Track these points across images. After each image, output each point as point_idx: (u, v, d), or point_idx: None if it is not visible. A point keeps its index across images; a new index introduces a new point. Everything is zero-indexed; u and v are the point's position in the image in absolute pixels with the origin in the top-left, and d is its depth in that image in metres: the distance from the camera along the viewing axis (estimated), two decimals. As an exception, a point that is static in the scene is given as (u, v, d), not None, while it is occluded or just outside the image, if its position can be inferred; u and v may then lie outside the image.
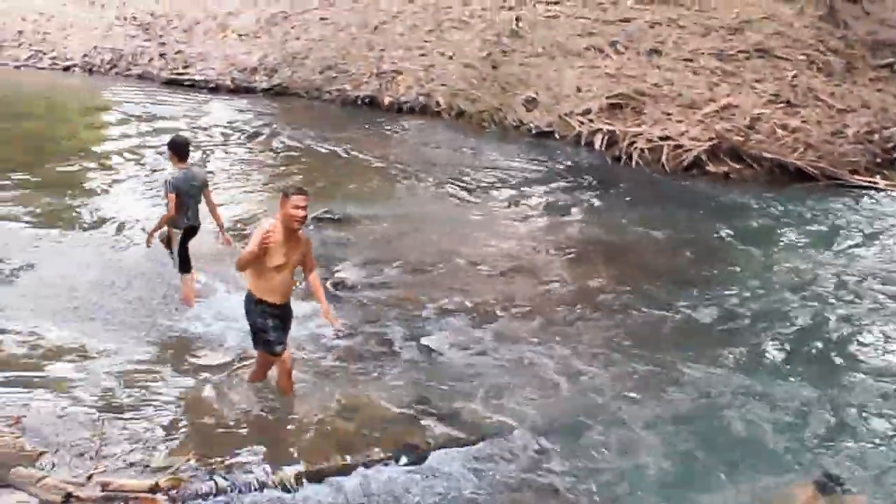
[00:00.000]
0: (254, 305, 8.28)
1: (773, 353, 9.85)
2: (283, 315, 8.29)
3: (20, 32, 24.07)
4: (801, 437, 8.34)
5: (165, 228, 10.55)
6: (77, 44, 23.01)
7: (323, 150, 16.57)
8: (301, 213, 7.92)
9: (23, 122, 18.61)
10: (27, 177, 15.01)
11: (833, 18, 21.43)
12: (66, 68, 22.67)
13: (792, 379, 9.30)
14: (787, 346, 9.98)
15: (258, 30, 21.62)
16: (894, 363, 9.61)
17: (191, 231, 10.58)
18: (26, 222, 13.20)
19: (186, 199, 10.38)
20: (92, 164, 15.98)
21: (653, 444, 8.24)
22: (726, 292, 11.04)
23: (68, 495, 6.75)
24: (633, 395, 8.98)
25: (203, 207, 10.49)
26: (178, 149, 10.53)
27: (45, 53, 23.30)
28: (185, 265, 10.55)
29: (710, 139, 15.27)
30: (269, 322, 8.31)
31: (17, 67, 23.04)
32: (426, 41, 19.71)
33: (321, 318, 8.60)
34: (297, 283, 8.80)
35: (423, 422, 8.49)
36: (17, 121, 18.60)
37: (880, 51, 21.66)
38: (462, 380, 9.23)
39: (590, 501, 7.51)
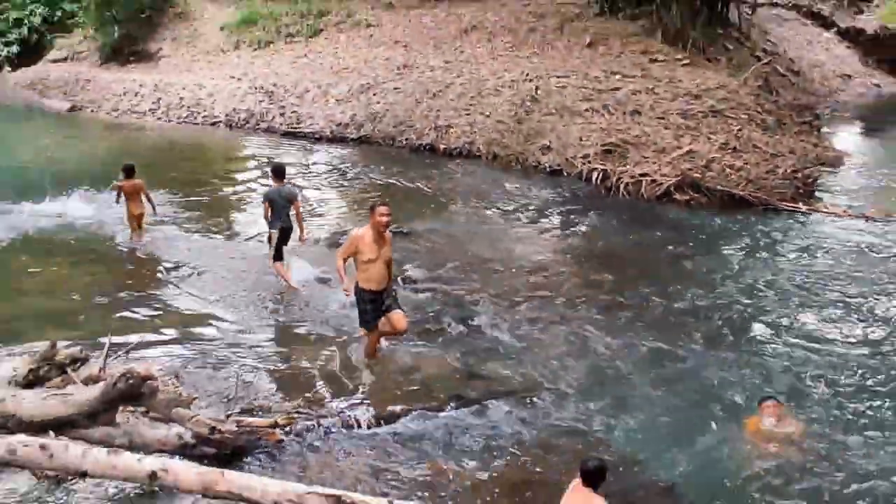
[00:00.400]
0: (358, 292, 8.38)
1: (727, 331, 9.83)
2: (376, 301, 8.30)
3: (181, 98, 24.36)
4: (752, 386, 8.33)
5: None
6: (221, 106, 23.23)
7: (394, 183, 16.65)
8: (386, 218, 8.11)
9: (183, 161, 18.90)
10: (190, 198, 15.26)
11: (768, 88, 21.26)
12: (213, 124, 22.90)
13: (738, 349, 9.29)
14: (734, 326, 9.97)
15: (350, 96, 21.71)
16: (812, 337, 9.56)
17: (284, 232, 10.72)
18: (188, 230, 13.41)
19: (278, 207, 10.68)
20: (232, 190, 16.22)
21: (646, 395, 8.30)
22: (690, 287, 11.03)
23: (212, 429, 6.84)
24: (629, 360, 9.00)
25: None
26: (276, 171, 11.03)
27: (198, 113, 23.56)
28: (278, 255, 10.74)
29: (677, 176, 15.22)
30: (366, 306, 8.39)
31: (179, 123, 23.34)
32: (470, 104, 19.71)
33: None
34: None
35: (467, 380, 8.56)
36: (180, 159, 18.90)
37: (801, 111, 21.48)
38: (497, 349, 9.28)
39: (601, 438, 7.53)
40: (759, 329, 9.80)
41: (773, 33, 28.59)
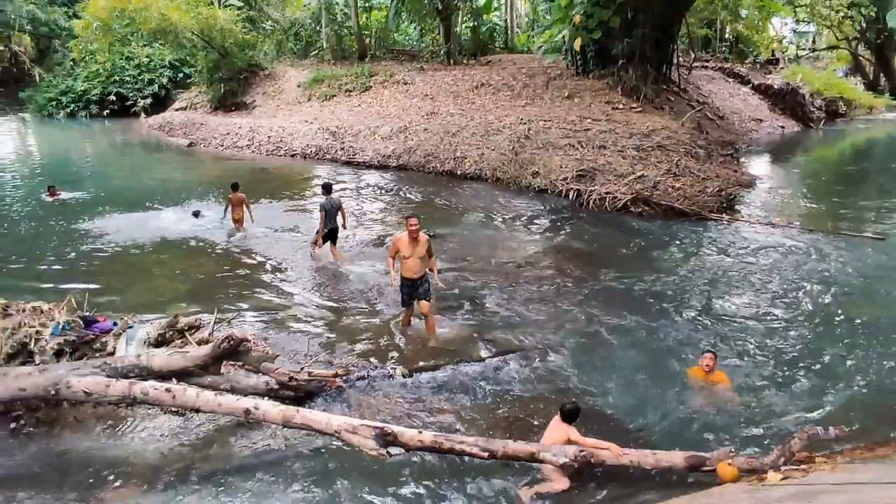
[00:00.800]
0: (401, 279, 8.39)
1: (672, 306, 9.72)
2: (412, 286, 8.26)
3: (269, 136, 24.46)
4: (690, 346, 8.24)
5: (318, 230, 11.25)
6: (298, 142, 23.30)
7: (423, 198, 16.64)
8: (413, 227, 8.05)
9: (271, 181, 18.96)
10: (277, 208, 15.29)
11: (700, 128, 21.09)
12: (292, 155, 22.97)
13: (682, 319, 9.18)
14: (678, 303, 9.86)
15: (391, 134, 21.71)
16: (732, 311, 9.45)
17: (332, 231, 11.17)
18: (276, 231, 13.47)
19: (328, 214, 10.88)
20: (306, 201, 16.25)
21: (614, 354, 8.23)
22: (645, 275, 10.93)
23: (290, 378, 6.85)
24: (601, 329, 8.95)
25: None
26: (325, 187, 11.44)
27: (281, 147, 23.65)
28: (325, 241, 11.35)
29: (632, 193, 15.09)
30: (404, 289, 8.38)
31: (267, 155, 23.43)
32: (479, 141, 19.67)
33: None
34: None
35: (478, 343, 8.52)
36: (267, 181, 18.97)
37: (725, 146, 21.30)
38: (501, 321, 9.23)
39: (580, 386, 7.47)
40: (696, 305, 9.70)
41: (704, 88, 28.39)
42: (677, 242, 12.92)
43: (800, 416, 6.77)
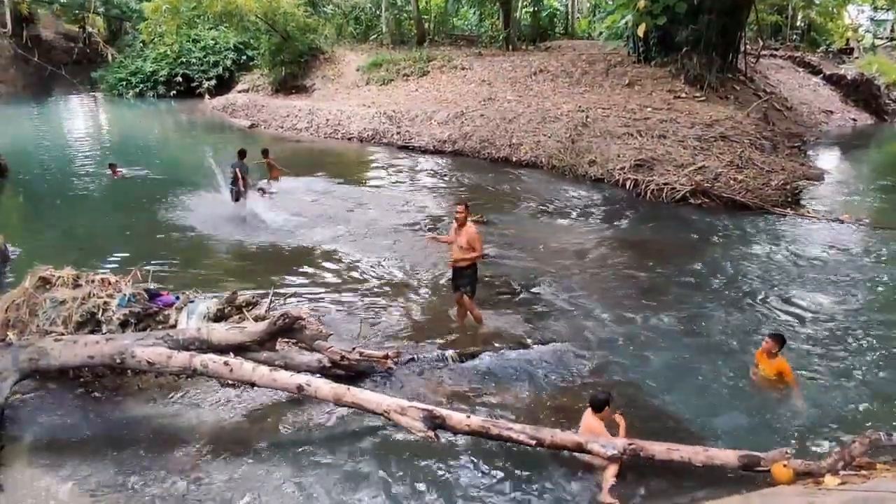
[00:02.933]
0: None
1: (731, 299, 9.50)
2: (454, 274, 8.25)
3: (327, 119, 24.74)
4: (754, 342, 8.03)
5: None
6: (355, 126, 23.50)
7: (477, 184, 16.60)
8: (458, 215, 7.96)
9: (327, 162, 19.25)
10: (336, 182, 15.49)
11: (765, 119, 20.35)
12: (349, 139, 23.20)
13: (740, 311, 8.95)
14: (736, 296, 9.63)
15: (447, 120, 21.67)
16: (796, 304, 9.20)
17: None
18: (340, 202, 13.64)
19: (243, 174, 13.43)
20: (359, 178, 16.43)
21: (666, 346, 8.08)
22: (702, 268, 10.72)
23: (342, 357, 6.95)
24: (654, 320, 8.83)
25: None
26: (240, 153, 13.63)
27: (339, 130, 23.91)
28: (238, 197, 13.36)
29: (692, 185, 14.71)
30: (453, 275, 8.36)
31: (325, 137, 23.73)
32: (536, 128, 19.46)
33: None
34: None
35: (529, 331, 8.49)
36: (327, 162, 19.22)
37: (792, 138, 20.51)
38: (552, 310, 9.17)
39: (637, 380, 7.38)
40: (756, 301, 9.41)
41: (771, 78, 27.33)
42: (738, 237, 12.55)
43: (862, 419, 6.52)
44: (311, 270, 10.45)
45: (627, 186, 15.62)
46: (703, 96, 20.34)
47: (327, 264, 10.76)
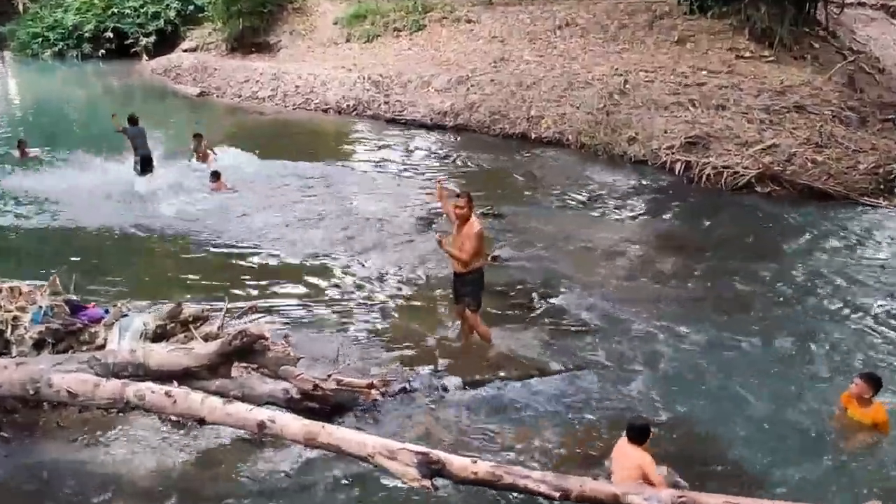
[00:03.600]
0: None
1: (804, 317, 9.55)
2: (456, 280, 8.28)
3: (297, 86, 24.76)
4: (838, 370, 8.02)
5: None
6: (332, 94, 23.52)
7: (487, 168, 16.63)
8: (459, 210, 7.95)
9: (297, 141, 19.26)
10: (308, 164, 15.50)
11: (852, 85, 20.30)
12: (325, 110, 23.22)
13: (822, 333, 8.96)
14: (811, 313, 9.67)
15: (449, 86, 21.69)
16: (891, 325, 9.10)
17: (145, 161, 14.85)
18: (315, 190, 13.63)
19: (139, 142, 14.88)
20: (337, 160, 16.44)
21: (722, 376, 8.13)
22: (769, 276, 10.72)
23: (315, 386, 6.95)
24: (706, 343, 8.78)
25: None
26: (131, 119, 14.79)
27: (312, 100, 23.93)
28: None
29: (758, 168, 14.73)
30: (454, 282, 8.35)
31: (294, 109, 23.75)
32: (561, 96, 19.48)
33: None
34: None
35: (549, 353, 8.49)
36: (297, 140, 19.24)
37: (885, 109, 20.40)
38: (579, 327, 9.18)
39: (687, 416, 7.34)
40: (841, 318, 9.41)
41: (860, 32, 27.29)
42: (817, 234, 12.55)
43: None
44: (276, 276, 10.47)
45: (677, 170, 15.62)
46: (772, 56, 20.32)
47: (298, 268, 10.77)
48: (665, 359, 8.31)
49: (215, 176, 14.40)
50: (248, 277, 10.43)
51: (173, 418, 6.78)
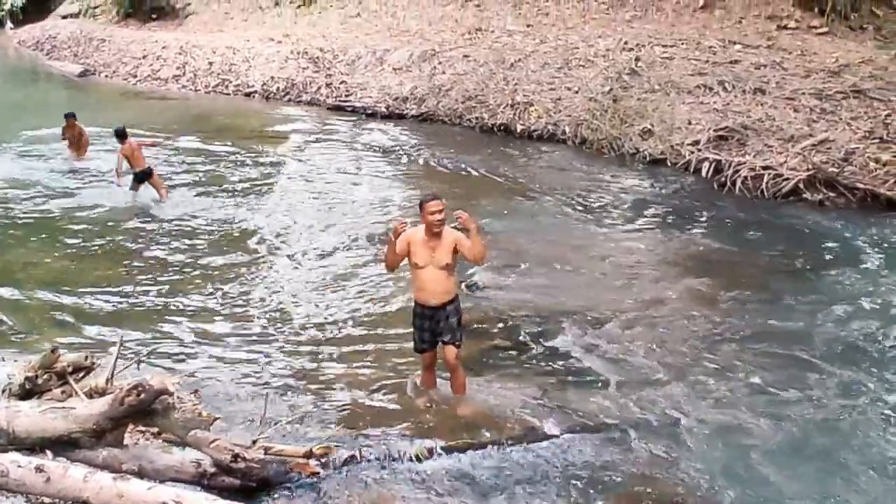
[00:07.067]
0: (414, 307, 8.30)
1: (869, 368, 9.52)
2: (431, 317, 8.15)
3: (211, 63, 24.76)
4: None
5: None
6: (258, 74, 23.57)
7: (461, 170, 16.69)
8: (437, 216, 7.81)
9: (211, 132, 19.18)
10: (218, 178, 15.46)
11: (925, 64, 20.66)
12: (248, 94, 23.26)
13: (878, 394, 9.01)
14: (877, 362, 9.66)
15: (410, 64, 21.83)
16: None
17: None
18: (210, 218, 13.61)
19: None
20: (262, 160, 16.42)
21: (765, 442, 8.10)
22: (820, 310, 10.66)
23: (236, 456, 6.89)
24: (740, 395, 8.81)
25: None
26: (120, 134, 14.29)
27: (230, 81, 23.93)
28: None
29: (808, 170, 14.89)
30: (418, 322, 8.28)
31: (207, 92, 23.73)
32: (555, 77, 19.66)
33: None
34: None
35: (542, 410, 8.48)
36: (210, 131, 19.15)
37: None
38: (580, 375, 9.18)
39: (723, 492, 7.35)
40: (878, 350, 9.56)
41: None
42: (882, 254, 12.72)
43: None
44: (182, 309, 10.40)
45: (703, 172, 15.81)
46: (823, 26, 20.64)
47: (211, 298, 10.72)
48: (687, 415, 8.31)
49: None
50: (147, 308, 10.37)
51: (47, 501, 6.67)
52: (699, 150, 16.13)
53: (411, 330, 8.58)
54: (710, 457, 7.75)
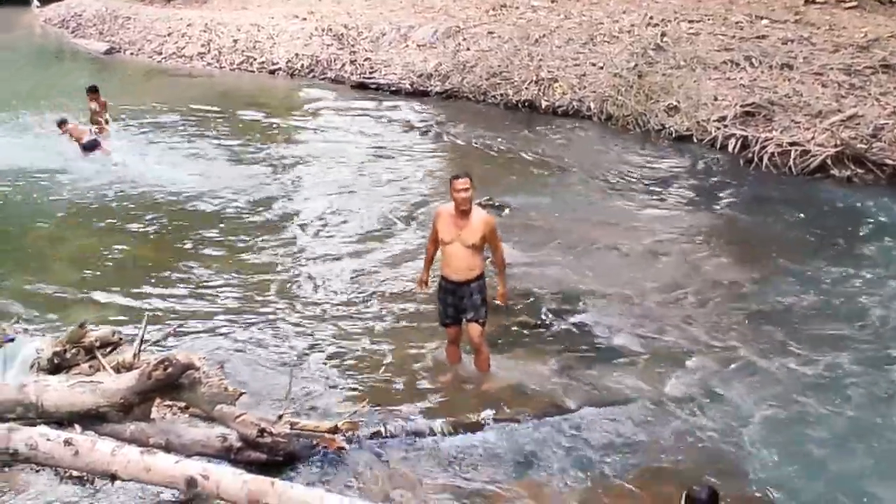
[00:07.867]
0: (440, 282, 8.30)
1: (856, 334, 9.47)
2: (455, 293, 8.17)
3: (235, 41, 24.75)
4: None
5: None
6: (282, 51, 23.53)
7: (486, 146, 16.63)
8: (463, 194, 7.83)
9: (236, 110, 19.18)
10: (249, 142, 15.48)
11: (958, 38, 20.42)
12: (272, 72, 23.24)
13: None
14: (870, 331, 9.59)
15: (434, 41, 21.76)
16: None
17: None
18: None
19: None
20: (286, 137, 16.41)
21: (792, 420, 8.07)
22: (851, 288, 10.63)
23: (262, 431, 6.90)
24: (766, 374, 8.75)
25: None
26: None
27: (255, 59, 23.92)
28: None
29: (836, 146, 14.77)
30: (444, 297, 8.29)
31: (231, 69, 23.72)
32: (580, 53, 19.56)
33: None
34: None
35: (566, 386, 8.47)
36: (235, 109, 19.18)
37: None
38: (605, 352, 9.15)
39: (749, 473, 7.30)
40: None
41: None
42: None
43: None
44: (209, 284, 10.45)
45: (730, 148, 15.71)
46: (853, 0, 20.44)
47: (236, 274, 10.75)
48: (711, 392, 8.28)
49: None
50: (174, 284, 10.42)
51: (75, 474, 6.72)
52: (725, 127, 16.04)
53: (434, 310, 8.63)
54: (735, 433, 7.73)
